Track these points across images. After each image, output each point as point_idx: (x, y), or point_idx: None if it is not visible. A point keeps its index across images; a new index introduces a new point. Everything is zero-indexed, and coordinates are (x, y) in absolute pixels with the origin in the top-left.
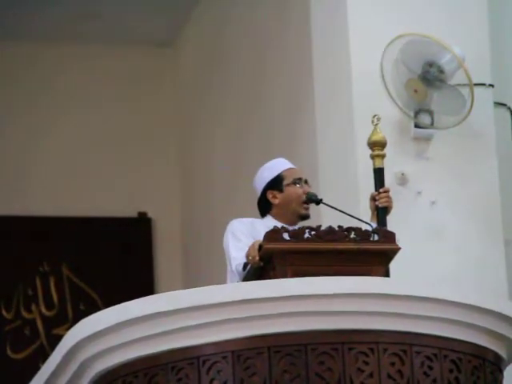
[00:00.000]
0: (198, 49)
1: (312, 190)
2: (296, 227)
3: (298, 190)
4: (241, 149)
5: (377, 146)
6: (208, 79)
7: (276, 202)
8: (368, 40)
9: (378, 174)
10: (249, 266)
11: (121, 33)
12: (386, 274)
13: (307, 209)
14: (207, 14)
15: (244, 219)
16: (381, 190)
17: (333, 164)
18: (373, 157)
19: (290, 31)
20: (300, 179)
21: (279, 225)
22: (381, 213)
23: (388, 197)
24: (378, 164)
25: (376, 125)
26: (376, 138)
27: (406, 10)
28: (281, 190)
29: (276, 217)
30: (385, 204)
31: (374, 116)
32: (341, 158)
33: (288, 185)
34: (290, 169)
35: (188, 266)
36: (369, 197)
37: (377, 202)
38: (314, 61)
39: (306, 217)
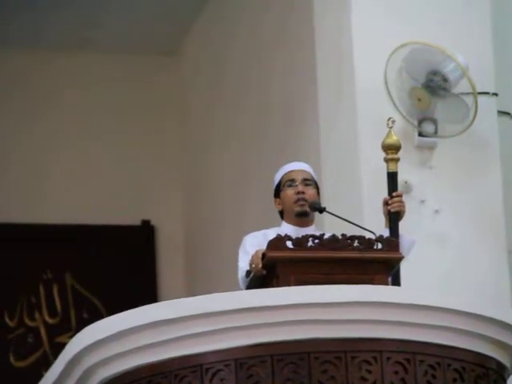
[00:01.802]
0: (200, 57)
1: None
2: (307, 229)
3: (288, 191)
4: (243, 156)
5: (391, 149)
6: (211, 88)
7: (280, 208)
8: (372, 48)
9: (392, 178)
10: (252, 274)
11: (123, 41)
12: (397, 283)
13: (302, 205)
14: (210, 23)
15: (256, 232)
16: (393, 194)
17: (336, 172)
18: (386, 160)
19: (293, 40)
20: (292, 180)
21: (292, 228)
22: (393, 218)
23: (400, 201)
24: (392, 168)
25: (391, 127)
26: (390, 141)
27: (410, 18)
28: (280, 197)
29: (287, 221)
30: (397, 209)
31: (389, 119)
32: (344, 166)
33: (283, 189)
34: (288, 172)
35: (191, 274)
36: (373, 204)
37: (389, 207)
38: (318, 69)
39: (301, 213)
